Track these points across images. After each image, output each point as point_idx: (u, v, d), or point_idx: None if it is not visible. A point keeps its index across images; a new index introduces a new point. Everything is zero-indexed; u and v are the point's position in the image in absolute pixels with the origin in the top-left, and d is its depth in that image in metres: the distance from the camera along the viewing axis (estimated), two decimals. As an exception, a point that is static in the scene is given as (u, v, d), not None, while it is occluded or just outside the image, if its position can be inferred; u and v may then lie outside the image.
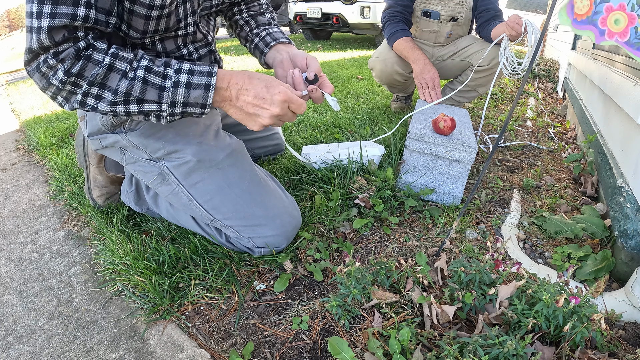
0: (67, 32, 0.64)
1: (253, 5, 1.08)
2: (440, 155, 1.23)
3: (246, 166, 0.97)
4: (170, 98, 0.72)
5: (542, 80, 3.60)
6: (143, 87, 0.70)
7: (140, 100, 0.71)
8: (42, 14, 0.62)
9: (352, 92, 2.74)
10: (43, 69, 0.66)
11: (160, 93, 0.72)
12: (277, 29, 1.05)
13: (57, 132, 2.10)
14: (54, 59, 0.65)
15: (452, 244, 1.07)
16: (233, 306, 0.87)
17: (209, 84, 0.74)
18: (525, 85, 2.13)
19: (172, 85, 0.72)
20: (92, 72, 0.67)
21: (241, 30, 1.07)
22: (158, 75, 0.72)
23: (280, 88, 0.76)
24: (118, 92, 0.69)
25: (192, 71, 0.73)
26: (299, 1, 6.11)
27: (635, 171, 1.02)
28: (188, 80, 0.73)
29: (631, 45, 0.75)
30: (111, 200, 1.25)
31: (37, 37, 0.63)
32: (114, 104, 0.70)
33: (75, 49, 0.66)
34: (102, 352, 0.78)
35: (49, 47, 0.64)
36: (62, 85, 0.67)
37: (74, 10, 0.63)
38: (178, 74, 0.72)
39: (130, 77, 0.69)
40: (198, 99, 0.74)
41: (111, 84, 0.69)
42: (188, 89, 0.73)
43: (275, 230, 0.95)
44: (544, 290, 0.71)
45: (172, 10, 0.79)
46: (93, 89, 0.69)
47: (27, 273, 1.03)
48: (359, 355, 0.72)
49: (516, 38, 1.50)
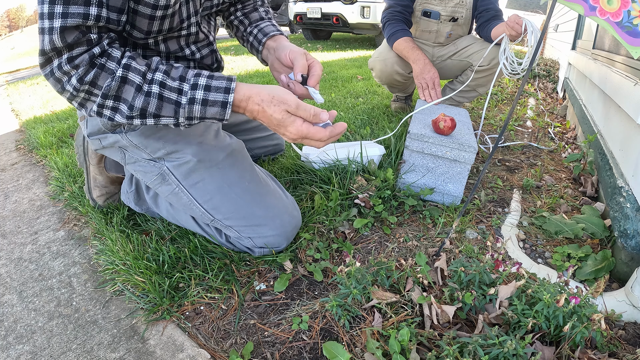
0: (80, 34, 0.64)
1: (248, 3, 1.08)
2: (440, 155, 1.23)
3: (246, 166, 0.97)
4: (186, 114, 0.72)
5: (542, 80, 3.60)
6: (159, 103, 0.70)
7: (157, 116, 0.71)
8: (54, 14, 0.61)
9: (352, 92, 2.74)
10: (57, 74, 0.65)
11: (176, 109, 0.71)
12: (268, 22, 1.03)
13: (57, 132, 2.10)
14: (68, 65, 0.64)
15: (452, 244, 1.07)
16: (233, 306, 0.87)
17: (226, 102, 0.72)
18: (525, 85, 2.13)
19: (187, 102, 0.71)
20: (105, 82, 0.67)
21: (237, 30, 1.07)
22: (173, 91, 0.70)
23: (293, 127, 0.73)
24: (134, 107, 0.69)
25: (209, 87, 0.71)
26: (299, 1, 6.11)
27: (635, 171, 1.02)
28: (204, 97, 0.71)
29: (621, 27, 0.75)
30: (111, 200, 1.25)
31: (49, 38, 0.62)
32: (131, 117, 0.70)
33: (89, 55, 0.65)
34: (102, 352, 0.78)
35: (62, 49, 0.64)
36: (75, 92, 0.67)
37: (86, 10, 0.63)
38: (194, 90, 0.71)
39: (145, 92, 0.69)
40: (215, 115, 0.73)
41: (126, 97, 0.69)
42: (204, 106, 0.71)
43: (275, 230, 0.95)
44: (544, 290, 0.71)
45: (176, 10, 0.79)
46: (108, 101, 0.69)
47: (27, 273, 1.03)
48: (358, 355, 0.72)
49: (516, 38, 1.50)
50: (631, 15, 0.75)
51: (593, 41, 2.11)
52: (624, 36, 0.76)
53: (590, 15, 0.78)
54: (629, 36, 0.76)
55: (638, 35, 0.75)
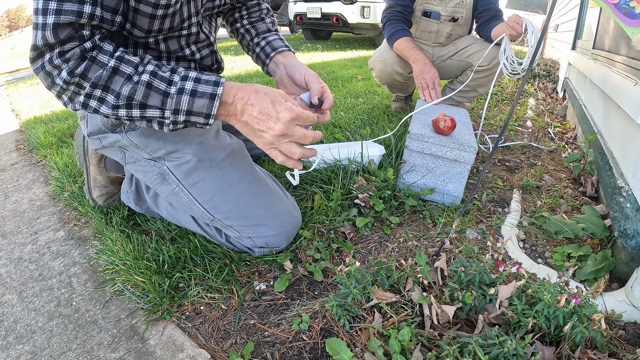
0: (73, 30, 0.64)
1: (254, 10, 1.08)
2: (440, 155, 1.23)
3: (246, 166, 0.97)
4: (173, 105, 0.70)
5: (542, 80, 3.60)
6: (146, 91, 0.69)
7: (143, 105, 0.70)
8: (48, 10, 0.61)
9: (352, 92, 2.74)
10: (48, 68, 0.65)
11: (163, 99, 0.70)
12: (276, 36, 1.05)
13: (57, 132, 2.10)
14: (59, 59, 0.64)
15: (452, 244, 1.07)
16: (233, 306, 0.87)
17: (215, 94, 0.71)
18: (525, 85, 2.13)
19: (176, 92, 0.70)
20: (96, 73, 0.66)
21: (242, 38, 1.07)
22: (163, 81, 0.70)
23: (287, 104, 0.73)
24: (121, 95, 0.68)
25: (199, 79, 0.71)
26: (299, 1, 6.11)
27: (635, 171, 1.02)
28: (193, 88, 0.71)
29: (619, 8, 0.76)
30: (111, 200, 1.25)
31: (42, 34, 0.62)
32: (116, 107, 0.69)
33: (80, 50, 0.65)
34: (102, 352, 0.78)
35: (54, 44, 0.64)
36: (65, 85, 0.67)
37: (80, 8, 0.63)
38: (184, 81, 0.71)
39: (134, 81, 0.68)
40: (202, 109, 0.72)
41: (114, 87, 0.68)
42: (193, 96, 0.71)
43: (275, 230, 0.95)
44: (544, 290, 0.71)
45: (177, 9, 0.79)
46: (96, 91, 0.68)
47: (27, 273, 1.03)
48: (358, 355, 0.72)
49: (516, 38, 1.50)
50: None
51: (593, 41, 2.12)
52: (621, 17, 0.77)
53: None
54: (626, 17, 0.77)
55: (635, 17, 0.76)
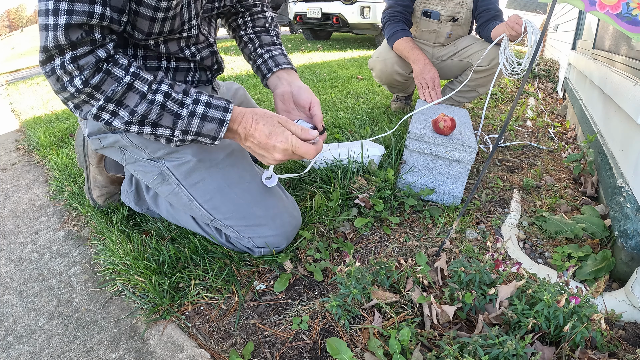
0: (84, 33, 0.64)
1: (258, 18, 1.07)
2: (440, 155, 1.23)
3: (246, 166, 0.97)
4: (184, 126, 0.74)
5: (542, 80, 3.60)
6: (160, 112, 0.72)
7: (155, 124, 0.73)
8: (59, 10, 0.61)
9: (352, 92, 2.74)
10: (59, 73, 0.65)
11: (175, 120, 0.73)
12: (280, 51, 1.05)
13: (57, 132, 2.10)
14: (72, 65, 0.64)
15: (452, 244, 1.07)
16: (233, 306, 0.87)
17: (224, 120, 0.76)
18: (525, 85, 2.13)
19: (188, 114, 0.74)
20: (110, 87, 0.68)
21: (245, 46, 1.08)
22: (176, 103, 0.73)
23: (283, 137, 0.78)
24: (135, 113, 0.70)
25: (209, 104, 0.75)
26: (299, 1, 6.11)
27: (635, 171, 1.02)
28: (204, 113, 0.75)
29: (621, 18, 0.79)
30: (111, 200, 1.25)
31: (53, 35, 0.62)
32: (129, 123, 0.72)
33: (95, 59, 0.66)
34: (102, 352, 0.78)
35: (65, 47, 0.63)
36: (77, 93, 0.67)
37: (91, 8, 0.63)
38: (195, 105, 0.74)
39: (148, 100, 0.71)
40: (210, 132, 0.76)
41: (128, 103, 0.70)
42: (203, 120, 0.75)
43: (275, 230, 0.95)
44: (544, 290, 0.71)
45: (177, 12, 0.79)
46: (109, 105, 0.69)
47: (27, 273, 1.03)
48: (358, 355, 0.72)
49: (516, 38, 1.50)
50: (630, 7, 0.79)
51: (593, 41, 2.12)
52: (624, 25, 0.80)
53: (590, 10, 0.82)
54: (630, 25, 0.80)
55: (638, 24, 0.79)
